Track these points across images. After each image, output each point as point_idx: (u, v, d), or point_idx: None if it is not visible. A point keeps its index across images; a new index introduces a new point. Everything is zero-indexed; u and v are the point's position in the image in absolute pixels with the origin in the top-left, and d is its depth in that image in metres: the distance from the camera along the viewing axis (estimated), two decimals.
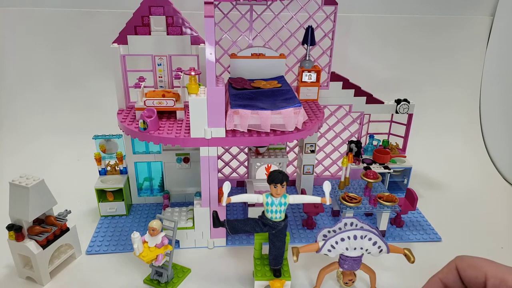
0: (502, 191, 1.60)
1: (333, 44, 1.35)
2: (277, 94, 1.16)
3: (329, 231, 0.98)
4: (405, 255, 0.96)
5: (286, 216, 0.96)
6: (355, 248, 0.95)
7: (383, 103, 1.43)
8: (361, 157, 1.46)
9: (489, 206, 1.46)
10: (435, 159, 1.77)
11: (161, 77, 1.27)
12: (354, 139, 1.48)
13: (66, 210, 1.12)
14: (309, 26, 1.28)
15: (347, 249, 0.95)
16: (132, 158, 1.33)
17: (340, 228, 0.97)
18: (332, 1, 1.27)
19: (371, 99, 1.42)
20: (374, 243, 0.94)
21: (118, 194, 1.32)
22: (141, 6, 1.18)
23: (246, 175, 1.54)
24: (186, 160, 1.35)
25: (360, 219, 0.97)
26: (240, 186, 1.54)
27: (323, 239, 0.97)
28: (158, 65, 1.25)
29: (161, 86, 1.29)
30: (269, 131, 1.07)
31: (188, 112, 1.08)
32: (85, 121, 1.77)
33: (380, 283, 1.06)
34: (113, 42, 1.20)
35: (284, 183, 0.92)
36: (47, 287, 1.04)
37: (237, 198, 0.98)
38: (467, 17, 1.79)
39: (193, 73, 1.04)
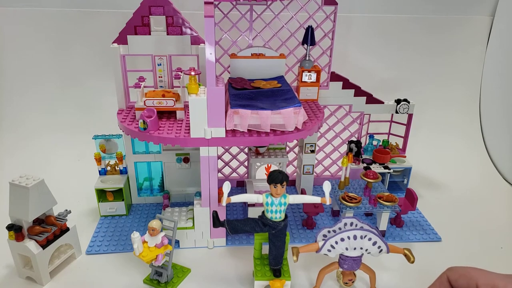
0: (502, 191, 1.60)
1: (333, 44, 1.35)
2: (277, 94, 1.16)
3: (329, 231, 0.98)
4: (405, 255, 0.96)
5: (286, 216, 0.96)
6: (355, 248, 0.95)
7: (383, 103, 1.43)
8: (361, 157, 1.46)
9: (489, 206, 1.46)
10: (435, 159, 1.77)
11: (161, 77, 1.27)
12: (354, 139, 1.48)
13: (66, 210, 1.12)
14: (309, 26, 1.28)
15: (347, 249, 0.95)
16: (132, 158, 1.33)
17: (340, 228, 0.97)
18: (332, 1, 1.27)
19: (371, 99, 1.42)
20: (374, 243, 0.94)
21: (118, 194, 1.32)
22: (141, 6, 1.18)
23: (246, 175, 1.54)
24: (186, 160, 1.35)
25: (360, 219, 0.97)
26: (240, 186, 1.54)
27: (323, 239, 0.97)
28: (158, 65, 1.25)
29: (161, 86, 1.29)
30: (269, 131, 1.07)
31: (188, 112, 1.08)
32: (85, 121, 1.77)
33: (380, 283, 1.06)
34: (113, 42, 1.20)
35: (284, 183, 0.92)
36: (47, 287, 1.04)
37: (237, 198, 0.98)
38: (467, 17, 1.79)
39: (193, 73, 1.04)
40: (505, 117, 1.75)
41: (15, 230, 0.99)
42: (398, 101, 1.43)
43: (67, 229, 1.09)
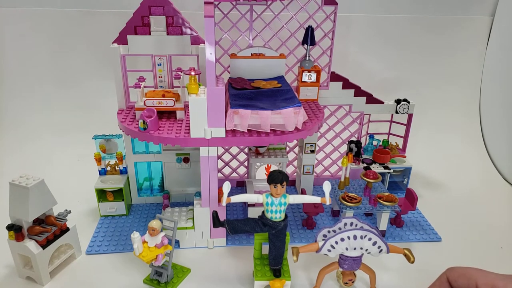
0: (502, 191, 1.60)
1: (333, 44, 1.35)
2: (277, 94, 1.16)
3: (329, 231, 0.98)
4: (405, 255, 0.96)
5: (286, 216, 0.96)
6: (355, 248, 0.95)
7: (383, 103, 1.43)
8: (361, 157, 1.46)
9: (489, 206, 1.46)
10: (435, 159, 1.77)
11: (161, 77, 1.27)
12: (354, 139, 1.48)
13: (66, 210, 1.12)
14: (309, 26, 1.28)
15: (347, 249, 0.95)
16: (132, 158, 1.33)
17: (340, 228, 0.97)
18: (332, 1, 1.27)
19: (371, 99, 1.42)
20: (374, 243, 0.94)
21: (118, 194, 1.32)
22: (141, 6, 1.18)
23: (246, 175, 1.54)
24: (186, 160, 1.35)
25: (360, 219, 0.97)
26: (240, 186, 1.54)
27: (323, 239, 0.97)
28: (158, 65, 1.25)
29: (161, 86, 1.29)
30: (269, 131, 1.07)
31: (188, 112, 1.08)
32: (85, 121, 1.77)
33: (380, 283, 1.06)
34: (113, 42, 1.20)
35: (284, 183, 0.92)
36: (47, 287, 1.04)
37: (237, 198, 0.98)
38: (467, 17, 1.80)
39: (193, 73, 1.04)
40: (505, 117, 1.75)
41: (15, 230, 0.99)
42: (398, 101, 1.43)
43: (67, 229, 1.09)
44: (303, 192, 1.41)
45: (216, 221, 0.98)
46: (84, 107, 1.81)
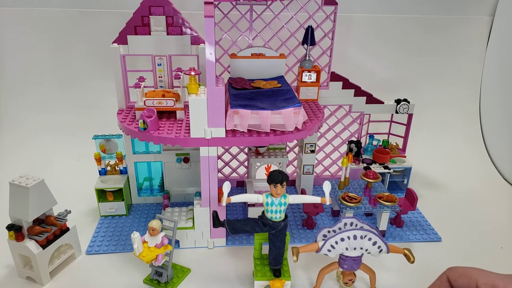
0: (502, 191, 1.60)
1: (333, 44, 1.35)
2: (277, 94, 1.16)
3: (329, 231, 0.98)
4: (405, 255, 0.96)
5: (286, 216, 0.96)
6: (355, 248, 0.95)
7: (383, 103, 1.43)
8: (361, 157, 1.46)
9: (489, 206, 1.46)
10: (435, 159, 1.77)
11: (161, 77, 1.27)
12: (354, 139, 1.48)
13: (66, 210, 1.12)
14: (309, 26, 1.28)
15: (347, 249, 0.95)
16: (132, 158, 1.33)
17: (340, 228, 0.97)
18: (332, 1, 1.27)
19: (371, 99, 1.42)
20: (374, 243, 0.94)
21: (118, 194, 1.32)
22: (141, 6, 1.18)
23: (246, 175, 1.54)
24: (186, 160, 1.35)
25: (360, 219, 0.97)
26: (240, 186, 1.54)
27: (323, 239, 0.97)
28: (158, 65, 1.25)
29: (161, 86, 1.29)
30: (269, 131, 1.07)
31: (188, 112, 1.08)
32: (85, 121, 1.77)
33: (380, 283, 1.06)
34: (113, 42, 1.20)
35: (284, 183, 0.92)
36: (47, 287, 1.04)
37: (237, 198, 0.98)
38: (467, 17, 1.80)
39: (193, 73, 1.04)
40: (505, 117, 1.75)
41: (15, 230, 0.99)
42: (398, 101, 1.43)
43: (67, 229, 1.09)
44: (303, 192, 1.41)
45: (216, 221, 0.98)
46: (84, 107, 1.81)
